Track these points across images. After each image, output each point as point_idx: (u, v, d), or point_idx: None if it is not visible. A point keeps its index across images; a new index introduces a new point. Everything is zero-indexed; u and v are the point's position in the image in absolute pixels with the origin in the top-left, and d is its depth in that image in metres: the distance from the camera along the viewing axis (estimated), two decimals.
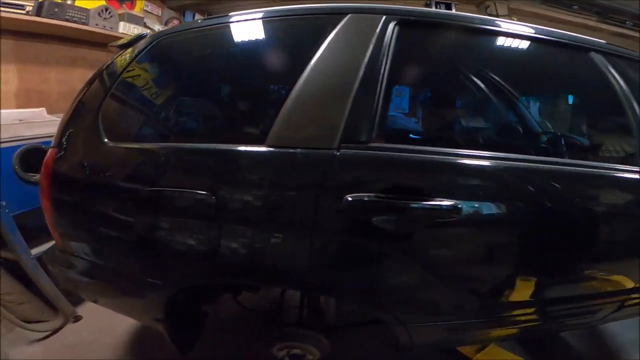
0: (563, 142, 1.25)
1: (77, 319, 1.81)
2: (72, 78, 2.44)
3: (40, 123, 1.87)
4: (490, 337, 1.37)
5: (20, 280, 1.75)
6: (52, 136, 1.76)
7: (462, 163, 0.93)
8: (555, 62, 1.20)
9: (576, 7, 3.74)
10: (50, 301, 1.74)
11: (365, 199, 0.86)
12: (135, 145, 1.04)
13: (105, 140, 1.02)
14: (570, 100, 1.41)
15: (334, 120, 0.90)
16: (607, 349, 1.71)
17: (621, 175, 1.07)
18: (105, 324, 1.75)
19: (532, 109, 1.36)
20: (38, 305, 1.79)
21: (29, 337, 1.68)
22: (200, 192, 0.91)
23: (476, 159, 0.95)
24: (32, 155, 1.68)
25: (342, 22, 0.99)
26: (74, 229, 1.11)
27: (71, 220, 1.11)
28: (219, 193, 0.90)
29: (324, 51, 0.96)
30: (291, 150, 0.90)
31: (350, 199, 0.86)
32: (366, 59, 0.93)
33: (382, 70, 0.94)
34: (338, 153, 0.88)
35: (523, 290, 1.04)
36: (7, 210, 1.57)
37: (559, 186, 0.99)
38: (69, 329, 1.75)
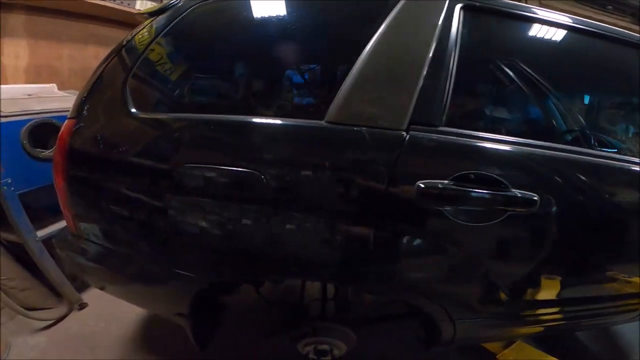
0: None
1: (83, 306, 1.71)
2: (84, 55, 2.34)
3: (50, 98, 1.77)
4: (520, 334, 1.34)
5: (24, 265, 1.66)
6: (61, 111, 1.72)
7: (540, 154, 0.89)
8: (624, 60, 1.14)
9: (610, 7, 3.64)
10: (55, 287, 1.64)
11: (440, 186, 0.80)
12: (171, 116, 0.92)
13: (133, 110, 0.90)
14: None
15: (403, 100, 0.84)
16: (617, 348, 1.70)
17: None
18: (111, 312, 1.66)
19: (601, 105, 1.33)
20: (41, 292, 1.69)
21: (33, 325, 1.57)
22: (248, 170, 0.82)
23: (551, 150, 0.91)
24: (41, 130, 1.57)
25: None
26: (93, 210, 0.98)
27: (90, 200, 0.97)
28: (269, 171, 0.81)
29: (388, 27, 0.89)
30: (355, 128, 0.82)
31: (422, 185, 0.80)
32: (435, 39, 0.88)
33: (451, 53, 0.89)
34: (407, 135, 0.82)
35: (573, 288, 1.04)
36: (12, 189, 1.46)
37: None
38: (74, 317, 1.65)
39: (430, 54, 0.86)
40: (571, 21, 1.04)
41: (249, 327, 1.54)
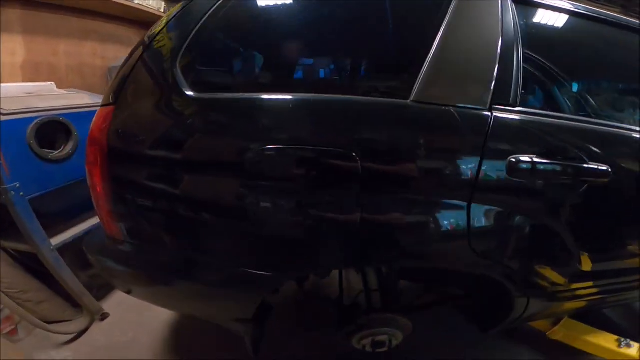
0: None
1: (104, 316, 1.60)
2: (82, 51, 2.21)
3: (51, 96, 1.64)
4: (567, 310, 1.31)
5: (36, 276, 1.54)
6: (66, 108, 1.58)
7: (606, 130, 0.97)
8: None
9: None
10: (73, 298, 1.52)
11: (530, 160, 0.82)
12: (243, 96, 0.82)
13: (189, 93, 0.79)
14: None
15: (485, 79, 0.85)
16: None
17: None
18: (136, 321, 1.56)
19: None
20: (58, 304, 1.57)
21: (55, 340, 1.46)
22: (341, 150, 0.76)
23: (611, 127, 0.98)
24: (48, 129, 1.45)
25: None
26: (141, 208, 0.84)
27: (138, 196, 0.83)
28: (359, 151, 0.77)
29: (458, 6, 0.90)
30: (443, 108, 0.81)
31: (513, 160, 0.82)
32: (501, 21, 0.90)
33: (517, 37, 0.91)
34: (492, 114, 0.83)
35: (622, 260, 1.08)
36: (21, 193, 1.34)
37: None
38: (98, 328, 1.54)
39: (501, 37, 0.88)
40: (595, 11, 1.10)
41: (290, 325, 1.46)
